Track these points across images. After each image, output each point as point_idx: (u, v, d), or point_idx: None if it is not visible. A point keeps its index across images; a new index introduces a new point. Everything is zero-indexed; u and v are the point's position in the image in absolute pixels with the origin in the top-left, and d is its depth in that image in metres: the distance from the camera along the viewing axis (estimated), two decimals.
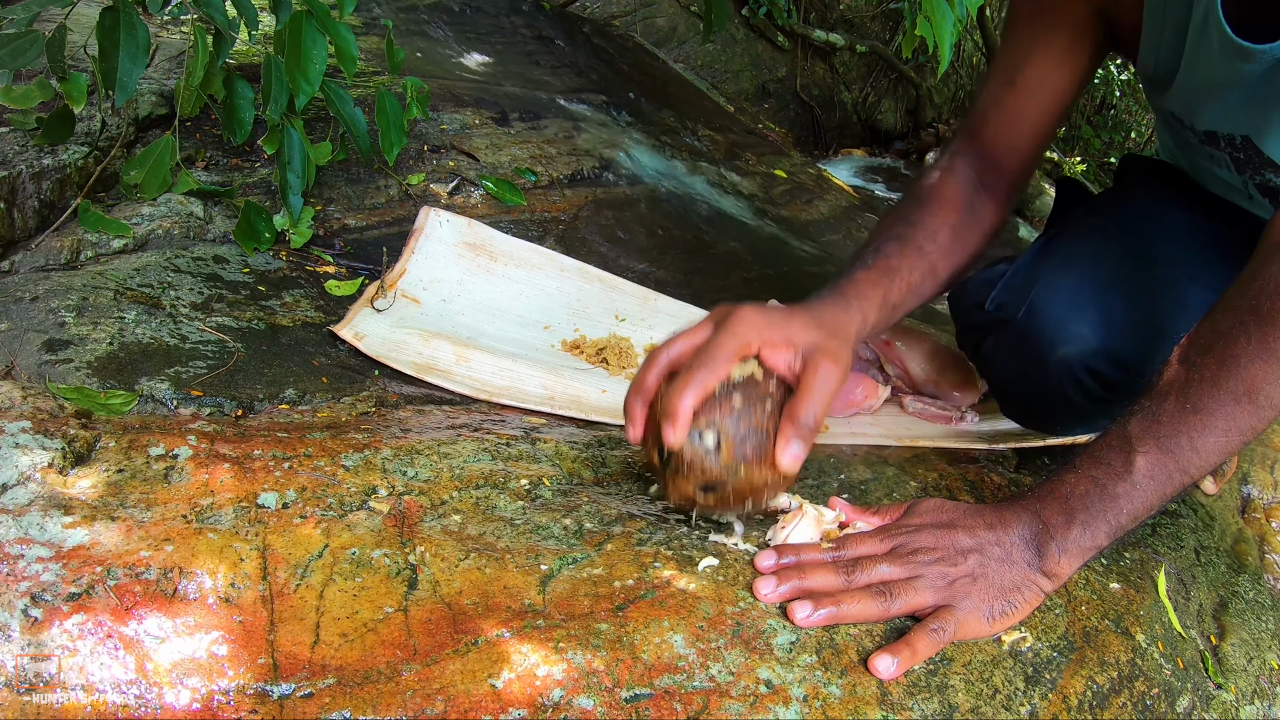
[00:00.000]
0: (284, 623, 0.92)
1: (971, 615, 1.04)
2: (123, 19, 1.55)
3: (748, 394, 1.05)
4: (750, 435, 1.05)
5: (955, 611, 1.03)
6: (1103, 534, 1.07)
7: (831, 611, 1.01)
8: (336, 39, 1.79)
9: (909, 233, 1.33)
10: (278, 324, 1.59)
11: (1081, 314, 1.35)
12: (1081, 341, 1.34)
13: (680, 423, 1.02)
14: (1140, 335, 1.34)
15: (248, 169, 2.03)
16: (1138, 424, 1.08)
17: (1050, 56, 1.37)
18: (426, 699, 0.86)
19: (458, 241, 1.87)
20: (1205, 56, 1.25)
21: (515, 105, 2.75)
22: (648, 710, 0.89)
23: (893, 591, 1.03)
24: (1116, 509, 1.06)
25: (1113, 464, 1.07)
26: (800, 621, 1.00)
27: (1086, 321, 1.35)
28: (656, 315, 1.87)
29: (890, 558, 1.07)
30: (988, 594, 1.06)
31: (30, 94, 1.76)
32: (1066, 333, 1.35)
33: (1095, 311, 1.35)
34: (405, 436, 1.28)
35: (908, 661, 0.99)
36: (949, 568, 1.05)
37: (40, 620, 0.87)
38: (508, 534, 1.10)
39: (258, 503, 1.07)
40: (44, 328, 1.41)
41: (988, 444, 1.52)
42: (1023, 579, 1.07)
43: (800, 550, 1.09)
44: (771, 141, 3.93)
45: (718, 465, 1.05)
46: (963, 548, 1.07)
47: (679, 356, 1.10)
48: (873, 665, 0.98)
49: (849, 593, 1.03)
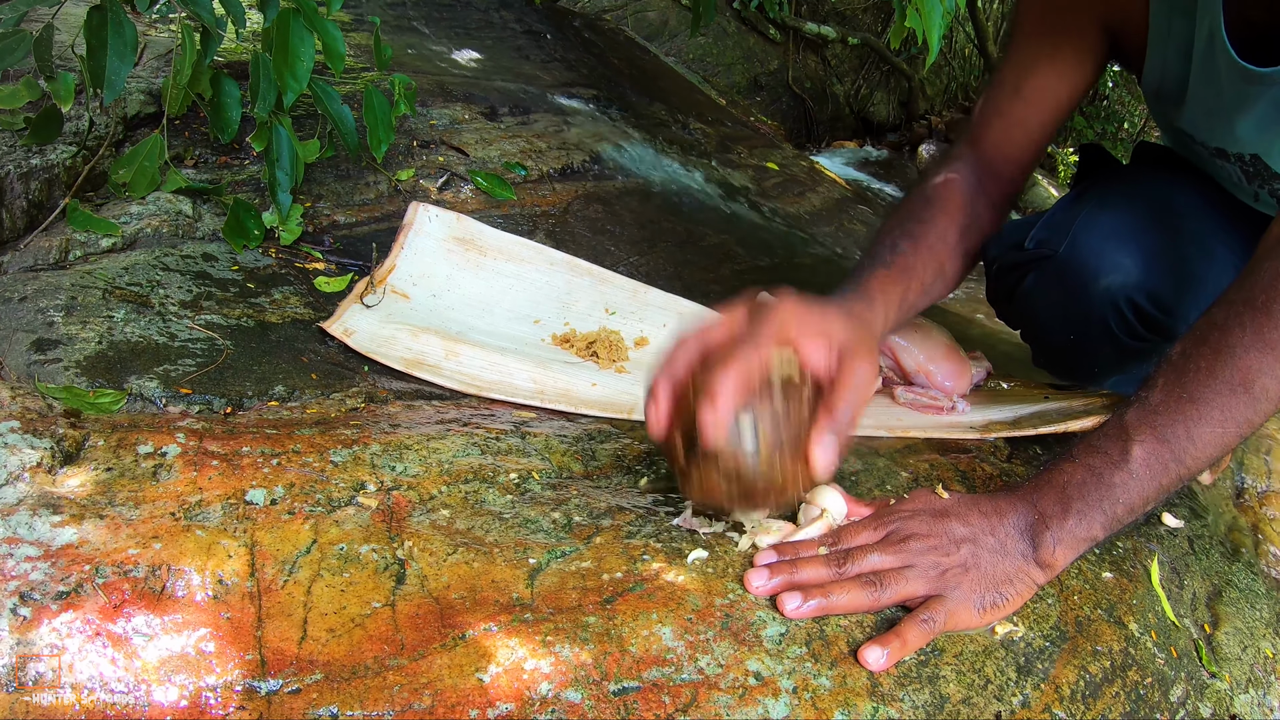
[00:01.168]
0: (271, 619, 0.92)
1: (963, 606, 1.04)
2: (110, 18, 1.55)
3: (786, 388, 1.02)
4: (787, 431, 1.02)
5: (946, 602, 1.03)
6: (1098, 525, 1.07)
7: (820, 603, 1.01)
8: (324, 36, 1.79)
9: (921, 231, 1.34)
10: (267, 321, 1.59)
11: (1123, 246, 1.35)
12: (1124, 272, 1.34)
13: (722, 407, 0.98)
14: (1176, 277, 1.34)
15: (236, 166, 2.02)
16: (1135, 414, 1.08)
17: (1055, 68, 1.39)
18: (413, 694, 0.86)
19: (447, 236, 1.87)
20: (1212, 80, 1.26)
21: (505, 100, 2.74)
22: (636, 703, 0.89)
23: (883, 581, 1.03)
24: (1113, 499, 1.07)
25: (1109, 453, 1.08)
26: (790, 613, 1.00)
27: (1128, 253, 1.35)
28: (646, 308, 1.86)
29: (882, 545, 1.06)
30: (980, 584, 1.05)
31: (17, 94, 1.75)
32: (1110, 263, 1.35)
33: (1135, 246, 1.35)
34: (394, 432, 1.28)
35: (898, 653, 0.99)
36: (941, 557, 1.05)
37: (29, 619, 0.87)
38: (496, 528, 1.10)
39: (246, 499, 1.07)
40: (32, 327, 1.40)
41: (979, 434, 1.52)
42: (1016, 570, 1.07)
43: (798, 547, 1.08)
44: (763, 134, 3.93)
45: (752, 460, 1.01)
46: (956, 536, 1.07)
47: (714, 342, 1.06)
48: (862, 657, 0.98)
49: (839, 583, 1.02)
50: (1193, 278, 1.33)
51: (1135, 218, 1.39)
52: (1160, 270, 1.34)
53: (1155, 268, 1.35)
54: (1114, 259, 1.35)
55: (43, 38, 1.56)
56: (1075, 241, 1.38)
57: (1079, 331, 1.40)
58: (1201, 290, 1.22)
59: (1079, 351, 1.43)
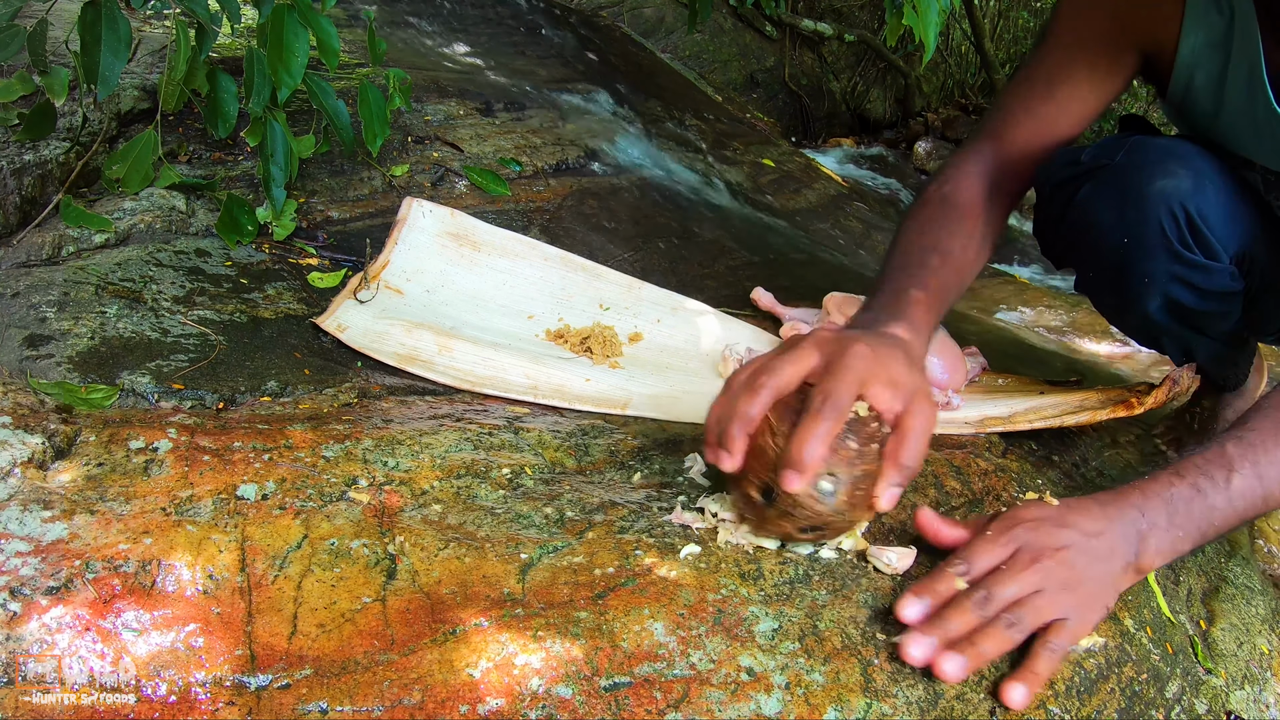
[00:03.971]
0: (261, 614, 0.92)
1: (1082, 625, 1.05)
2: (104, 13, 1.54)
3: (860, 437, 1.05)
4: (863, 480, 1.05)
5: (1069, 624, 1.04)
6: (1190, 540, 1.11)
7: (974, 662, 1.00)
8: (318, 32, 1.78)
9: (950, 245, 1.36)
10: (260, 316, 1.58)
11: (1177, 161, 1.38)
12: (1178, 179, 1.36)
13: (809, 473, 1.01)
14: (1221, 208, 1.37)
15: (230, 162, 2.02)
16: (1235, 446, 1.13)
17: (1091, 78, 1.42)
18: (403, 689, 0.86)
19: (441, 232, 1.86)
20: (1247, 113, 1.32)
21: (500, 96, 2.74)
22: (627, 699, 0.89)
23: (1022, 616, 1.02)
24: (1209, 520, 1.11)
25: (1214, 477, 1.11)
26: (950, 678, 0.99)
27: (1181, 166, 1.37)
28: (641, 304, 1.86)
29: (1014, 569, 1.05)
30: (1093, 598, 1.06)
31: (11, 88, 1.75)
32: (1164, 169, 1.37)
33: (1187, 165, 1.38)
34: (387, 427, 1.27)
35: (1035, 686, 1.00)
36: (1066, 572, 1.05)
37: (19, 614, 0.87)
38: (488, 523, 1.10)
39: (237, 494, 1.07)
40: (25, 323, 1.40)
41: (975, 429, 1.52)
42: (1117, 576, 1.09)
43: (935, 585, 1.06)
44: (759, 131, 3.92)
45: (830, 509, 1.04)
46: (1076, 548, 1.07)
47: (785, 387, 1.07)
48: (1007, 697, 0.98)
49: (986, 632, 1.01)
50: (1233, 217, 1.39)
51: (1185, 148, 1.42)
52: (1208, 194, 1.37)
53: (1204, 189, 1.37)
54: (1168, 167, 1.37)
55: (37, 32, 1.56)
56: (1132, 150, 1.40)
57: (1133, 234, 1.40)
58: (1239, 228, 1.34)
59: (1130, 261, 1.44)
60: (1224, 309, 1.44)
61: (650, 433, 1.40)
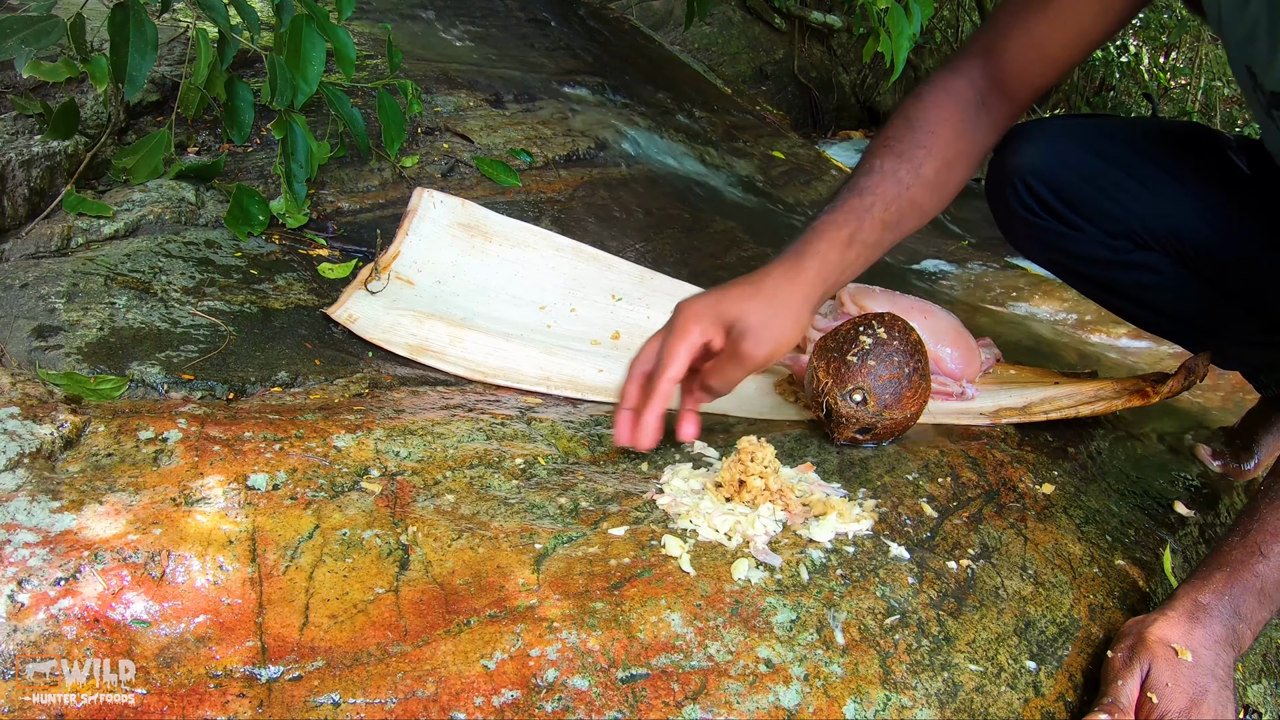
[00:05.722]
0: (273, 605, 0.91)
1: None
2: (132, 15, 1.58)
3: (877, 355, 1.33)
4: (887, 387, 1.32)
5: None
6: (1268, 610, 1.11)
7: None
8: (335, 43, 1.83)
9: (891, 166, 1.32)
10: (270, 307, 1.57)
11: (1036, 142, 1.50)
12: (1026, 158, 1.50)
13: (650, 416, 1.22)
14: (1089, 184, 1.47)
15: (240, 154, 2.01)
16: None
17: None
18: (417, 680, 0.85)
19: (452, 222, 1.85)
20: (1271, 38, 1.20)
21: (510, 87, 2.72)
22: (644, 690, 0.88)
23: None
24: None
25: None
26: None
27: (1035, 148, 1.50)
28: (654, 294, 1.84)
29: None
30: None
31: (58, 70, 1.78)
32: (1017, 149, 1.51)
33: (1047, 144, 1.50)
34: (399, 417, 1.26)
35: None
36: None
37: (27, 606, 0.86)
38: (502, 513, 1.09)
39: (248, 484, 1.06)
40: (34, 314, 1.39)
41: (990, 420, 1.50)
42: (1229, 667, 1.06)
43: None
44: (769, 123, 3.91)
45: (869, 414, 1.33)
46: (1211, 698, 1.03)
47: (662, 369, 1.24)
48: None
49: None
50: (1106, 193, 1.46)
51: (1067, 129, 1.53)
52: (1068, 168, 1.48)
53: (1062, 165, 1.48)
54: (1020, 147, 1.50)
55: (77, 23, 1.60)
56: (1010, 134, 1.49)
57: (998, 195, 1.55)
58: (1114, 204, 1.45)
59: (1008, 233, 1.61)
60: (1159, 282, 1.51)
61: None
